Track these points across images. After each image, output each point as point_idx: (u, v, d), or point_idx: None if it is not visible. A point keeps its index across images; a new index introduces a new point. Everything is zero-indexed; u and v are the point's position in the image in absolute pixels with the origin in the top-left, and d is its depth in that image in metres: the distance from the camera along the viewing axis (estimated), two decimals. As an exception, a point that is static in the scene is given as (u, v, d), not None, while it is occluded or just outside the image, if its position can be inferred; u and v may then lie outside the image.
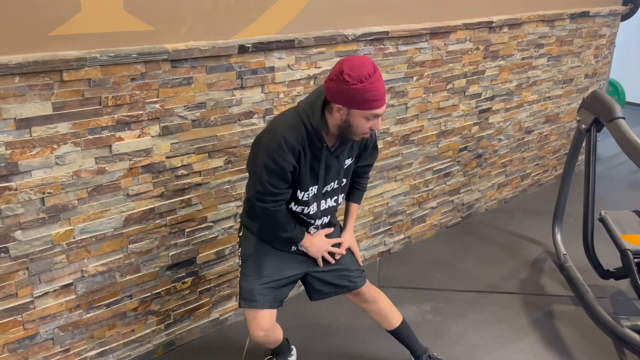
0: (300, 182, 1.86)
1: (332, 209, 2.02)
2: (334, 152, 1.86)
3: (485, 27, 3.18)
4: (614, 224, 2.75)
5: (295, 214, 1.95)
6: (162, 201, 2.20)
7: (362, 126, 1.75)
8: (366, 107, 1.71)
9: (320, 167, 1.86)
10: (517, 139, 3.83)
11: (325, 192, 1.95)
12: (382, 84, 1.72)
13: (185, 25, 2.07)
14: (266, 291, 1.95)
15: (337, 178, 1.95)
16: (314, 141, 1.80)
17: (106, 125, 1.96)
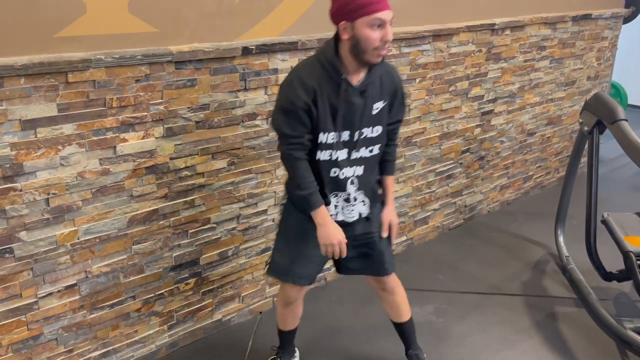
0: (321, 123, 1.77)
1: (366, 161, 1.87)
2: (357, 87, 1.76)
3: (487, 29, 3.19)
4: (617, 225, 2.75)
5: (325, 165, 1.84)
6: (166, 202, 2.21)
7: (370, 38, 1.64)
8: (366, 12, 1.62)
9: (340, 104, 1.75)
10: (519, 141, 3.83)
11: (356, 139, 1.82)
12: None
13: (189, 27, 2.08)
14: (295, 267, 1.96)
15: (368, 124, 1.82)
16: (331, 76, 1.73)
17: (110, 126, 1.97)
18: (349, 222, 1.94)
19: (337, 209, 1.92)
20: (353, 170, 1.87)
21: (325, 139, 1.79)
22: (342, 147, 1.82)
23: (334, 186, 1.89)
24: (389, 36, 1.65)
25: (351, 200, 1.92)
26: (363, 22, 1.64)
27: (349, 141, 1.82)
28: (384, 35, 1.65)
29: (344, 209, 1.92)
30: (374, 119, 1.84)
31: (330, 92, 1.75)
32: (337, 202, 1.91)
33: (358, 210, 1.94)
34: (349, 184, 1.89)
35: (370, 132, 1.84)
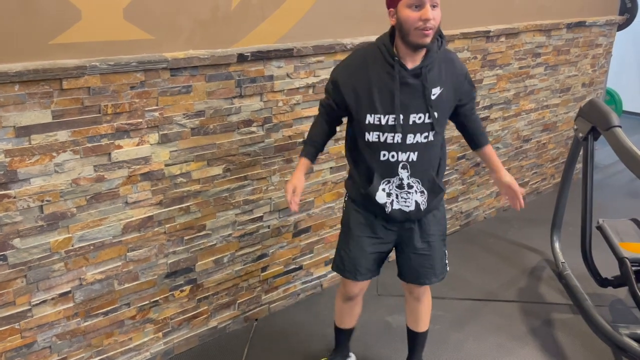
0: (369, 104, 1.81)
1: (422, 147, 1.84)
2: (410, 71, 1.78)
3: (482, 36, 3.20)
4: (612, 232, 2.75)
5: (375, 147, 1.85)
6: (161, 209, 2.20)
7: (410, 18, 1.68)
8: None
9: (394, 87, 1.78)
10: (515, 148, 3.84)
11: (412, 123, 1.81)
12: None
13: (184, 34, 2.08)
14: (354, 263, 2.00)
15: (424, 109, 1.81)
16: (386, 59, 1.78)
17: (105, 133, 1.97)
18: (406, 211, 1.91)
19: (390, 197, 1.90)
20: (407, 156, 1.85)
21: (375, 120, 1.82)
22: (395, 130, 1.81)
23: (384, 171, 1.87)
24: (428, 14, 1.66)
25: (405, 187, 1.89)
26: (403, 5, 1.69)
27: (403, 124, 1.81)
28: (423, 14, 1.66)
29: (399, 196, 1.90)
30: (433, 104, 1.82)
31: (384, 75, 1.79)
32: (389, 189, 1.89)
33: (415, 199, 1.90)
34: (400, 168, 1.87)
35: (427, 117, 1.82)
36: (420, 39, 1.71)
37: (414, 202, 1.91)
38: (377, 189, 1.89)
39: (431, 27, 1.68)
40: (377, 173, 1.88)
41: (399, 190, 1.89)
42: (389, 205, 1.90)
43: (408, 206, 1.91)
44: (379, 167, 1.87)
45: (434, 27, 1.70)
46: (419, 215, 1.94)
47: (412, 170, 1.87)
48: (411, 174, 1.88)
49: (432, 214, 1.99)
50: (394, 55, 1.78)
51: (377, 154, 1.86)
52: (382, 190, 1.89)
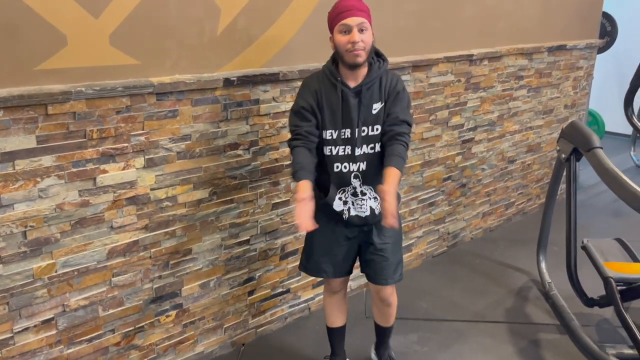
0: (323, 122, 2.01)
1: (369, 158, 2.03)
2: (353, 89, 1.99)
3: (466, 60, 3.26)
4: (597, 252, 2.78)
5: (330, 160, 2.04)
6: (147, 233, 2.19)
7: (341, 42, 1.92)
8: (337, 21, 1.92)
9: (338, 104, 1.99)
10: (500, 169, 3.88)
11: (357, 136, 2.01)
12: (353, 2, 1.91)
13: (170, 59, 2.10)
14: (322, 264, 2.18)
15: (368, 122, 2.01)
16: (331, 80, 2.00)
17: (91, 157, 1.96)
18: (362, 216, 2.08)
19: (347, 205, 2.08)
20: (357, 166, 2.04)
21: (327, 135, 2.02)
22: (344, 144, 2.02)
23: (339, 181, 2.07)
24: (355, 37, 1.89)
25: (359, 194, 2.08)
26: (336, 31, 1.94)
27: (350, 138, 2.02)
28: (350, 37, 1.90)
29: (355, 203, 2.08)
30: (373, 118, 2.02)
31: (331, 94, 2.00)
32: (345, 197, 2.08)
33: (369, 205, 2.08)
34: (352, 177, 2.06)
35: (371, 130, 2.02)
36: (352, 59, 1.93)
37: (368, 208, 2.09)
38: (334, 197, 2.07)
39: (360, 48, 1.91)
40: (333, 183, 2.07)
41: (354, 198, 2.08)
42: (346, 212, 2.09)
43: (364, 212, 2.08)
44: (334, 177, 2.06)
45: (363, 48, 1.92)
46: (376, 219, 2.09)
47: (363, 179, 2.06)
48: (363, 182, 2.07)
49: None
50: (337, 76, 1.99)
51: (332, 165, 2.05)
52: (339, 199, 2.08)
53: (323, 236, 2.14)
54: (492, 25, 3.41)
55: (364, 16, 1.91)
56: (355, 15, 1.89)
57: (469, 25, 3.27)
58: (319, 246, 2.17)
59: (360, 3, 1.94)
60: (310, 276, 2.25)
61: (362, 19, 1.90)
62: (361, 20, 1.90)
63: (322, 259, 2.17)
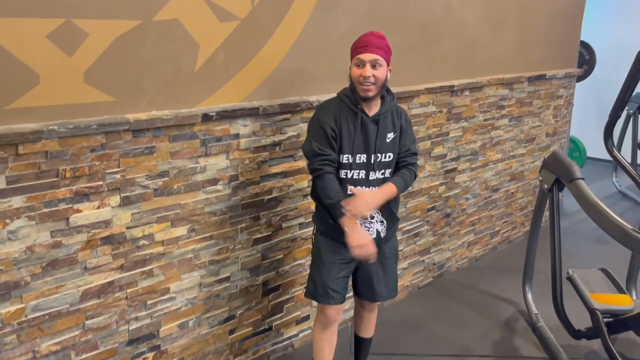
0: (341, 146, 2.11)
1: (381, 183, 2.16)
2: (371, 117, 2.11)
3: (447, 90, 3.28)
4: (582, 283, 2.76)
5: (344, 183, 2.13)
6: (122, 273, 2.12)
7: (354, 74, 2.06)
8: (353, 55, 2.06)
9: (357, 130, 2.10)
10: (484, 198, 3.88)
11: (373, 162, 2.14)
12: (373, 37, 2.04)
13: (147, 96, 2.07)
14: (328, 288, 2.21)
15: (382, 150, 2.14)
16: (349, 107, 2.11)
17: (63, 197, 1.91)
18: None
19: None
20: (369, 190, 2.13)
21: (344, 159, 2.12)
22: (359, 168, 2.13)
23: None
24: (365, 72, 2.02)
25: (368, 217, 2.17)
26: (352, 63, 2.08)
27: (366, 163, 2.14)
28: (362, 72, 2.03)
29: (363, 225, 2.17)
30: (387, 146, 2.16)
31: (349, 120, 2.11)
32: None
33: (376, 228, 2.20)
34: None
35: (384, 157, 2.16)
36: (362, 93, 2.06)
37: (375, 231, 2.20)
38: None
39: (370, 83, 2.03)
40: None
41: (362, 220, 2.17)
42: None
43: (371, 234, 2.18)
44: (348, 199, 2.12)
45: (373, 83, 2.04)
46: (380, 243, 2.18)
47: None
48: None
49: (389, 242, 2.29)
50: (357, 104, 2.10)
51: (345, 188, 2.14)
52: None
53: (331, 260, 2.21)
54: (471, 57, 3.44)
55: (380, 53, 2.03)
56: (370, 52, 2.02)
57: (449, 57, 3.29)
58: (327, 271, 2.22)
59: (380, 40, 2.05)
60: (318, 302, 2.26)
61: (377, 56, 2.02)
62: (375, 57, 2.02)
63: (330, 283, 2.21)
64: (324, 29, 2.58)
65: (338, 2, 2.61)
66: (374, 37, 2.05)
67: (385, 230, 2.23)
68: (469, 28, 3.36)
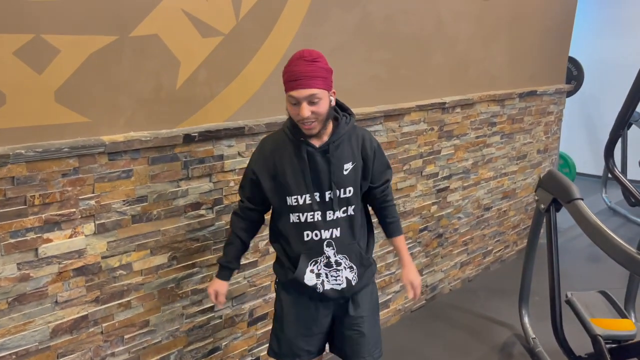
0: (285, 187, 1.82)
1: (343, 223, 1.86)
2: (319, 148, 1.80)
3: (438, 107, 3.19)
4: (582, 306, 2.65)
5: (298, 229, 1.85)
6: (97, 306, 1.97)
7: (291, 113, 1.74)
8: (286, 90, 1.71)
9: (304, 166, 1.80)
10: (476, 217, 3.78)
11: (328, 200, 1.83)
12: (304, 64, 1.67)
13: (124, 115, 1.93)
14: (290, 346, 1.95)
15: (339, 185, 1.83)
16: (292, 140, 1.81)
17: (32, 226, 1.76)
18: (338, 289, 1.88)
19: (320, 278, 1.87)
20: (330, 232, 1.85)
21: (292, 201, 1.83)
22: (313, 209, 1.83)
23: (310, 252, 1.86)
24: (303, 112, 1.69)
25: (333, 265, 1.87)
26: (286, 99, 1.74)
27: (320, 202, 1.83)
28: (299, 111, 1.70)
29: (329, 275, 1.88)
30: (344, 179, 1.84)
31: (294, 155, 1.81)
32: (318, 269, 1.87)
33: (345, 276, 1.89)
34: (325, 246, 1.86)
35: (343, 192, 1.85)
36: (305, 131, 1.76)
37: (344, 279, 1.89)
38: (305, 271, 1.86)
39: (311, 121, 1.72)
40: (303, 254, 1.86)
41: (327, 269, 1.88)
42: (320, 285, 1.87)
43: (340, 284, 1.89)
44: (305, 247, 1.86)
45: (315, 120, 1.72)
46: (353, 291, 1.92)
47: (337, 247, 1.87)
48: (337, 251, 1.87)
49: (364, 290, 1.97)
50: (300, 136, 1.79)
51: (301, 234, 1.85)
52: (311, 271, 1.87)
53: (295, 314, 1.94)
54: (462, 72, 3.37)
55: (316, 85, 1.66)
56: (303, 87, 1.65)
57: (440, 72, 3.21)
58: (291, 326, 1.95)
59: (313, 65, 1.67)
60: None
61: (313, 91, 1.66)
62: (311, 93, 1.66)
63: (296, 340, 1.94)
64: (312, 45, 2.46)
65: (326, 17, 2.51)
66: (304, 65, 1.66)
67: (357, 277, 1.90)
68: (461, 42, 3.29)
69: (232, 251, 1.98)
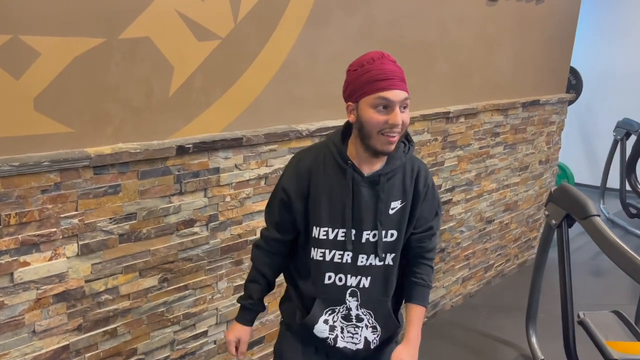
0: (314, 214, 1.52)
1: (376, 272, 1.54)
2: (368, 177, 1.50)
3: (442, 117, 3.05)
4: (596, 328, 2.50)
5: (319, 268, 1.55)
6: (80, 335, 1.79)
7: (373, 120, 1.41)
8: (369, 91, 1.41)
9: (345, 195, 1.49)
10: (478, 230, 3.64)
11: (364, 241, 1.52)
12: (393, 67, 1.43)
13: (112, 125, 1.76)
14: None
15: (381, 224, 1.51)
16: (337, 161, 1.51)
17: (7, 248, 1.58)
18: (352, 349, 1.59)
19: (334, 332, 1.58)
20: (357, 280, 1.55)
21: (320, 234, 1.53)
22: (343, 248, 1.53)
23: (328, 297, 1.57)
24: (397, 119, 1.40)
25: (353, 319, 1.58)
26: (367, 102, 1.42)
27: (354, 241, 1.52)
28: (392, 118, 1.41)
29: (345, 330, 1.58)
30: (389, 220, 1.53)
31: (334, 179, 1.52)
32: (333, 320, 1.58)
33: (364, 335, 1.59)
34: (348, 294, 1.56)
35: (385, 236, 1.53)
36: (384, 146, 1.45)
37: (363, 339, 1.59)
38: (318, 319, 1.58)
39: (399, 132, 1.44)
40: (320, 299, 1.58)
41: (345, 323, 1.58)
42: (332, 340, 1.59)
43: (355, 343, 1.59)
44: (323, 291, 1.57)
45: (400, 132, 1.45)
46: (368, 354, 1.62)
47: (362, 299, 1.57)
48: (361, 304, 1.58)
49: (384, 350, 1.64)
50: (346, 158, 1.51)
51: (322, 275, 1.56)
52: (325, 322, 1.58)
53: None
54: (466, 80, 3.24)
55: (407, 89, 1.45)
56: (399, 88, 1.41)
57: (444, 80, 3.08)
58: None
59: (400, 69, 1.46)
60: None
61: (407, 94, 1.43)
62: (405, 96, 1.43)
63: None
64: (314, 50, 2.32)
65: (328, 20, 2.36)
66: (393, 65, 1.44)
67: (378, 340, 1.61)
68: (465, 49, 3.16)
69: (256, 291, 1.66)
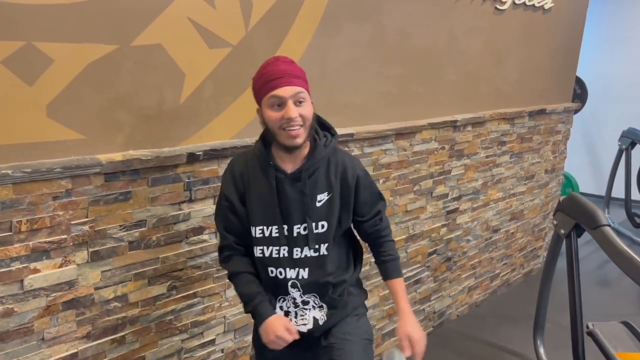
0: (250, 215, 1.62)
1: (313, 262, 1.62)
2: (290, 174, 1.58)
3: (450, 126, 3.05)
4: (605, 339, 2.49)
5: (262, 264, 1.65)
6: (88, 343, 1.78)
7: (271, 118, 1.52)
8: (265, 92, 1.51)
9: (272, 194, 1.58)
10: (484, 239, 3.63)
11: (296, 235, 1.61)
12: (285, 66, 1.52)
13: (123, 132, 1.76)
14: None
15: (311, 217, 1.59)
16: (261, 163, 1.61)
17: (17, 255, 1.57)
18: (304, 330, 1.67)
19: (290, 316, 1.68)
20: (296, 272, 1.64)
21: (257, 232, 1.63)
22: (279, 243, 1.62)
23: (275, 289, 1.67)
24: (290, 113, 1.49)
25: (300, 305, 1.68)
26: (265, 104, 1.54)
27: (288, 236, 1.62)
28: (285, 113, 1.50)
29: (298, 314, 1.68)
30: (317, 212, 1.61)
31: (262, 180, 1.61)
32: (287, 307, 1.69)
33: (312, 315, 1.68)
34: (290, 286, 1.66)
35: (315, 227, 1.61)
36: (289, 140, 1.53)
37: (311, 319, 1.68)
38: (276, 307, 1.68)
39: (297, 125, 1.51)
40: (269, 292, 1.68)
41: (295, 308, 1.69)
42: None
43: (305, 324, 1.68)
44: (270, 284, 1.67)
45: (301, 125, 1.52)
46: (321, 330, 1.69)
47: (304, 289, 1.66)
48: (304, 292, 1.67)
49: (343, 321, 1.71)
50: (268, 159, 1.60)
51: (265, 271, 1.66)
52: (280, 308, 1.69)
53: (272, 357, 1.72)
54: (473, 89, 3.24)
55: (301, 84, 1.52)
56: (289, 84, 1.49)
57: (452, 89, 3.08)
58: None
59: (294, 66, 1.54)
60: None
61: (299, 88, 1.50)
62: (298, 90, 1.50)
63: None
64: (324, 58, 2.33)
65: (338, 29, 2.37)
66: (284, 64, 1.52)
67: (326, 316, 1.68)
68: (473, 58, 3.16)
69: (253, 286, 1.67)
